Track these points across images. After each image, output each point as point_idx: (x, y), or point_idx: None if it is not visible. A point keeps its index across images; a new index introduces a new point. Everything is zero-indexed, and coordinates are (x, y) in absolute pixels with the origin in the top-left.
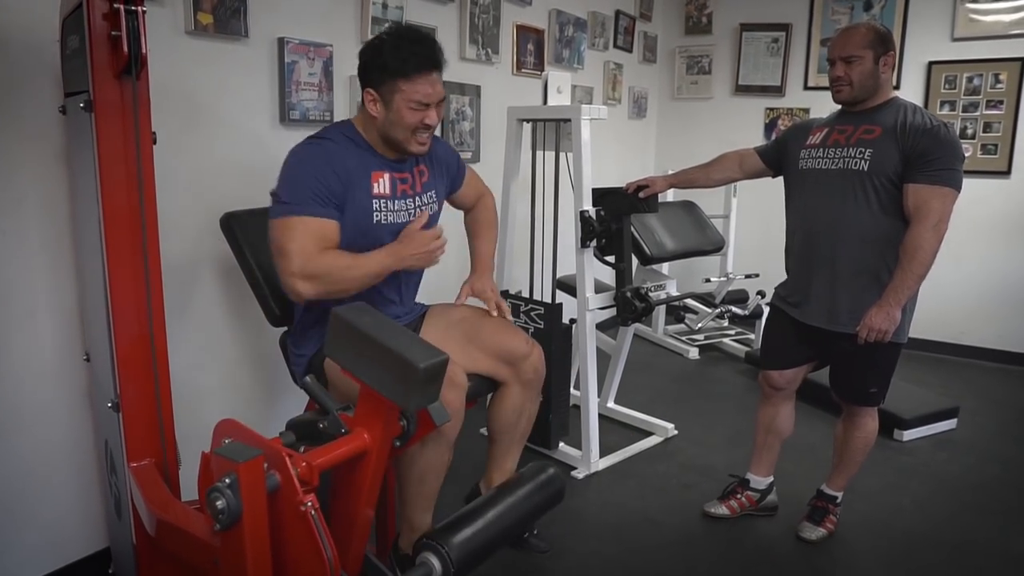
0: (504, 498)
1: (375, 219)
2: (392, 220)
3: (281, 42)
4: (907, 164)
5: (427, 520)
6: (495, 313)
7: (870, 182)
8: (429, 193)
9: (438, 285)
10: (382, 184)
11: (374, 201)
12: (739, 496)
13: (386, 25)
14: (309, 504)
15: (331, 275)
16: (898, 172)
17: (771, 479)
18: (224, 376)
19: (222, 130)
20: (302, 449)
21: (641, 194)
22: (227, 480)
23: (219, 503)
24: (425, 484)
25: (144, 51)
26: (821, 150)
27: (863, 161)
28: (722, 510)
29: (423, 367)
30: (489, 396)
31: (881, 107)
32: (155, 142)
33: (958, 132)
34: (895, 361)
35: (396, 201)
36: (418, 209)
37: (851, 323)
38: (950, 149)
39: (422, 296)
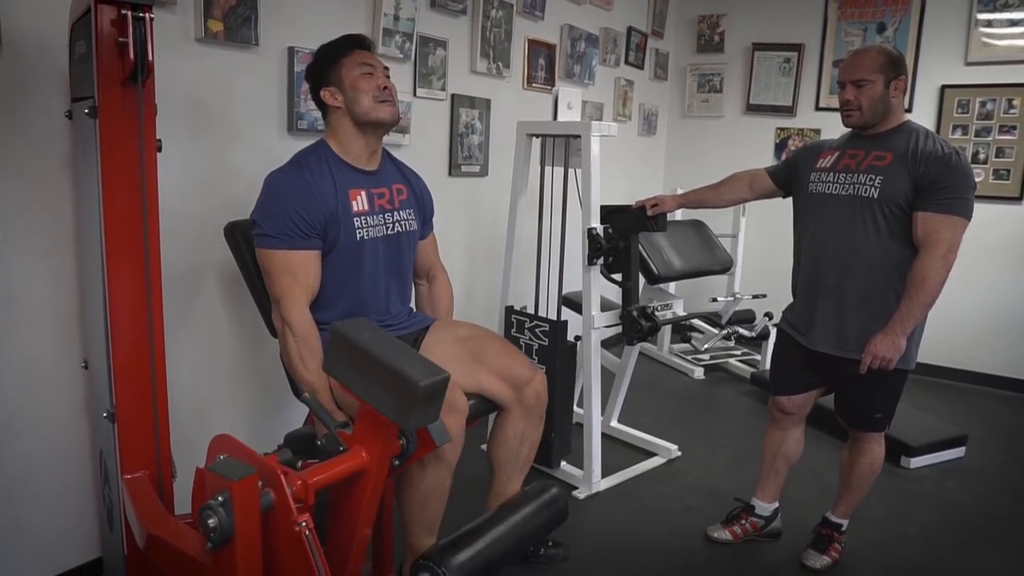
0: (506, 518)
1: (359, 236)
2: (372, 235)
3: (291, 51)
4: (918, 192)
5: (430, 545)
6: None
7: (879, 209)
8: (408, 211)
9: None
10: (360, 201)
11: (355, 219)
12: (743, 522)
13: (397, 37)
14: (303, 524)
15: (291, 349)
16: (908, 199)
17: (776, 505)
18: (224, 387)
19: (229, 138)
20: (299, 465)
21: (650, 212)
22: (220, 498)
23: (211, 521)
24: (427, 510)
25: (150, 58)
26: (831, 174)
27: (873, 188)
28: (725, 535)
29: (423, 385)
30: (491, 417)
31: (893, 132)
32: (160, 149)
33: (970, 157)
34: (901, 387)
35: (374, 216)
36: (395, 224)
37: (859, 349)
38: (961, 177)
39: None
